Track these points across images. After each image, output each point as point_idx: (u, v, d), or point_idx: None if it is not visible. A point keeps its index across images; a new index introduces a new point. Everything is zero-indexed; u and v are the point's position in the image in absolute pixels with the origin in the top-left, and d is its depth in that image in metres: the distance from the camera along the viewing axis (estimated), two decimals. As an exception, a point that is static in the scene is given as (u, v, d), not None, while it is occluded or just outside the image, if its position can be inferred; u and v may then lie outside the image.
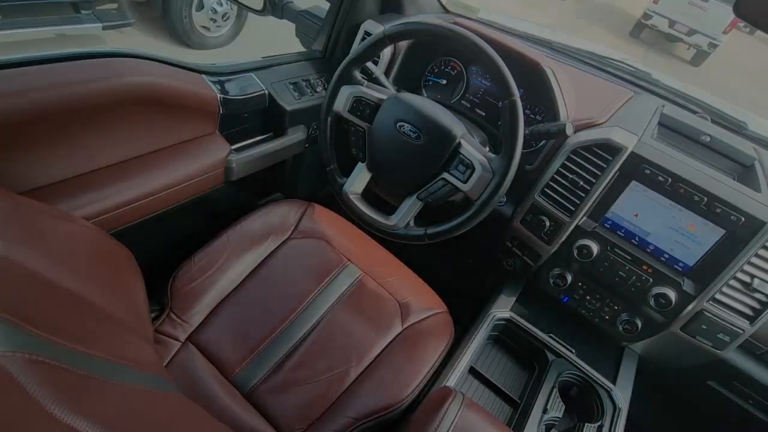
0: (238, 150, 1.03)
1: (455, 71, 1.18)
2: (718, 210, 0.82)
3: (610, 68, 1.31)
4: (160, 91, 0.85)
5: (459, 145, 0.83)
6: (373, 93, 0.89)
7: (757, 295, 0.82)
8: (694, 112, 1.18)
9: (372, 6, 1.15)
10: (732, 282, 0.83)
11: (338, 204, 1.00)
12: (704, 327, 0.86)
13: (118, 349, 0.52)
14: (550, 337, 0.99)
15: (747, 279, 0.82)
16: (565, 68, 1.17)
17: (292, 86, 1.11)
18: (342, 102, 0.90)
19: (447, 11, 1.28)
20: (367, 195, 0.99)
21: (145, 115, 0.86)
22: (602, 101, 1.05)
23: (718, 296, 0.84)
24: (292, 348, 0.90)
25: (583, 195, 0.92)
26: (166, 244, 1.03)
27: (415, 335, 0.96)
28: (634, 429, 1.26)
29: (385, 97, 0.88)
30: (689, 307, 0.86)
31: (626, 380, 0.97)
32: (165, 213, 0.93)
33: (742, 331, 0.84)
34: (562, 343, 0.99)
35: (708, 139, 1.00)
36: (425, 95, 1.19)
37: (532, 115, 1.09)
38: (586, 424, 0.86)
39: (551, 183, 0.96)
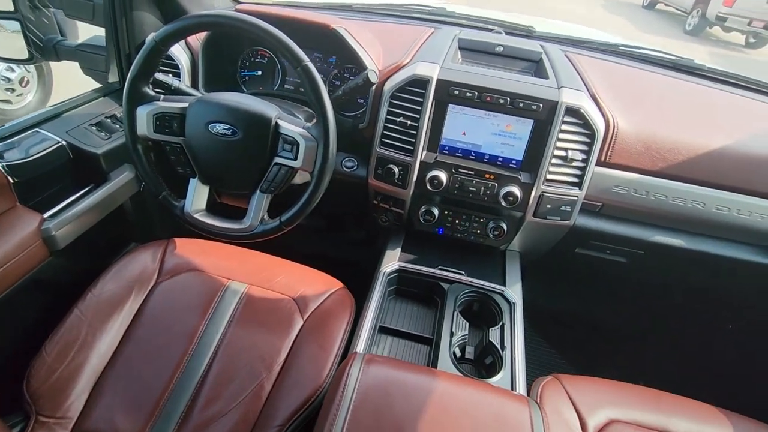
0: (54, 215, 0.91)
1: (266, 59, 1.16)
2: (521, 104, 0.92)
3: (413, 14, 1.39)
4: None
5: (277, 126, 0.82)
6: (173, 104, 0.83)
7: (575, 164, 0.95)
8: (490, 30, 1.30)
9: (151, 19, 1.07)
10: (554, 161, 0.94)
11: None
12: (549, 206, 0.98)
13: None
14: (440, 269, 1.05)
15: (563, 153, 0.94)
16: (366, 25, 1.22)
17: (95, 128, 1.01)
18: (144, 124, 0.83)
19: (239, 2, 1.24)
20: (217, 208, 0.94)
21: None
22: (406, 44, 1.11)
23: (548, 177, 0.95)
24: (195, 389, 0.84)
25: (415, 132, 0.97)
26: (3, 347, 0.89)
27: (317, 322, 0.96)
28: (535, 314, 1.40)
29: (186, 104, 0.83)
30: (532, 195, 0.97)
31: (514, 278, 1.07)
32: (-14, 314, 0.80)
33: (576, 198, 0.97)
34: (451, 270, 1.05)
35: (501, 48, 1.12)
36: (246, 91, 1.16)
37: (351, 77, 1.12)
38: (490, 328, 0.93)
39: (385, 132, 1.00)
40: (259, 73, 1.16)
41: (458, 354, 0.93)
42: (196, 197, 0.88)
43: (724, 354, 1.33)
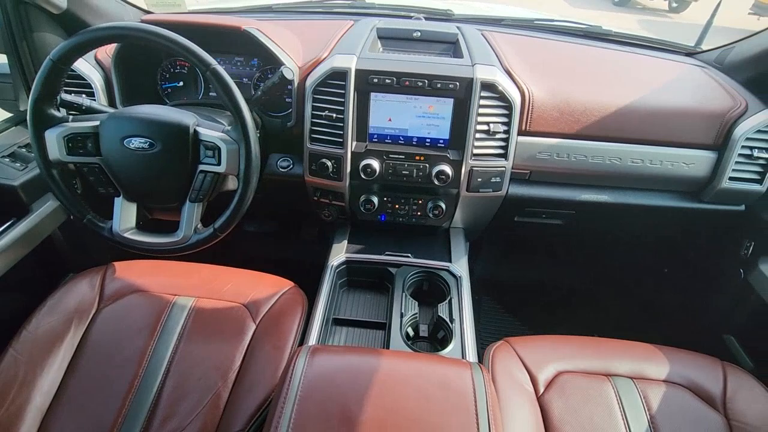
0: (-27, 256, 0.86)
1: (186, 69, 1.14)
2: (439, 85, 0.95)
3: (335, 9, 1.40)
4: None
5: (196, 133, 0.81)
6: (83, 124, 0.81)
7: (498, 136, 0.99)
8: (411, 17, 1.33)
9: (54, 39, 1.03)
10: (477, 135, 0.98)
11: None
12: (480, 180, 1.01)
13: None
14: (387, 255, 1.07)
15: (485, 127, 0.98)
16: (284, 24, 1.22)
17: (8, 159, 0.96)
18: (55, 148, 0.80)
19: (148, 12, 1.21)
20: (151, 224, 0.92)
21: None
22: (325, 39, 1.12)
23: (475, 151, 0.99)
24: (149, 411, 0.82)
25: (342, 124, 0.98)
26: None
27: (270, 323, 0.96)
28: (490, 285, 1.45)
29: (98, 122, 0.81)
30: (462, 171, 1.00)
31: (459, 253, 1.11)
32: None
33: (504, 168, 1.01)
34: (398, 254, 1.08)
35: (419, 34, 1.15)
36: (169, 104, 1.13)
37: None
38: (439, 304, 0.96)
39: (313, 128, 1.00)
40: (181, 84, 1.14)
41: (411, 333, 0.95)
42: (124, 216, 0.86)
43: (664, 296, 1.42)
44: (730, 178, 1.02)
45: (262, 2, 1.42)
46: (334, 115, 0.97)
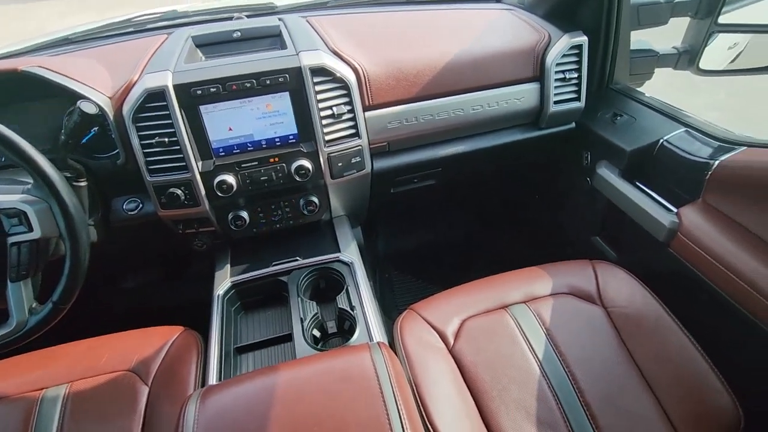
0: None
1: None
2: (268, 81, 0.91)
3: (146, 26, 1.28)
4: None
5: None
6: None
7: (345, 117, 0.98)
8: (232, 18, 1.26)
9: None
10: (324, 122, 0.96)
11: None
12: (340, 164, 1.01)
13: None
14: (274, 265, 1.03)
15: (329, 112, 0.96)
16: (83, 53, 1.09)
17: None
18: None
19: None
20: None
21: None
22: (135, 60, 1.01)
23: (327, 138, 0.98)
24: None
25: (178, 146, 0.90)
26: None
27: (165, 379, 0.87)
28: (391, 261, 1.48)
29: None
30: (321, 160, 0.98)
31: (347, 241, 1.10)
32: None
33: (360, 146, 1.02)
34: (286, 260, 1.04)
35: (239, 34, 1.09)
36: None
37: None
38: (337, 296, 0.94)
39: (148, 159, 0.91)
40: None
41: (319, 334, 0.93)
42: None
43: (542, 219, 1.58)
44: (555, 102, 1.14)
45: (58, 36, 1.24)
46: (166, 139, 0.89)
